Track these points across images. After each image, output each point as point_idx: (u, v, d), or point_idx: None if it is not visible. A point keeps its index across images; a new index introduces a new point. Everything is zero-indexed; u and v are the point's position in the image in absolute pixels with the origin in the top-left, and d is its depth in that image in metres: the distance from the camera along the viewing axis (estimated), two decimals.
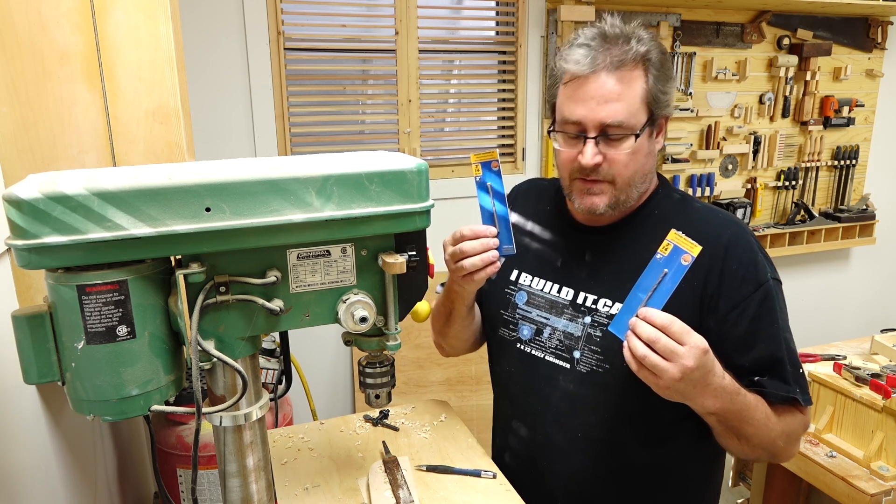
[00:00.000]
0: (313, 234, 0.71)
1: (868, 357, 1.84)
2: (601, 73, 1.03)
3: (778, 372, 1.05)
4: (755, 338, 1.06)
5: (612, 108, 1.03)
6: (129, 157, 1.06)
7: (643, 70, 1.04)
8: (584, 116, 1.04)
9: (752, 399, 1.01)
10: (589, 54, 1.04)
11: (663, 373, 0.89)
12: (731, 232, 1.09)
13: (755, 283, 1.06)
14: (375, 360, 0.88)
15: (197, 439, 0.71)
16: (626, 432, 1.13)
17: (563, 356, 1.16)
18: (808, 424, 1.10)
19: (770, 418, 1.03)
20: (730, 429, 1.03)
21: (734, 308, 1.06)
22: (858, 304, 3.68)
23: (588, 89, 1.04)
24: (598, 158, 1.05)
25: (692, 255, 0.91)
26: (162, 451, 1.71)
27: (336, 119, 2.55)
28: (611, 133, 1.04)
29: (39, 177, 0.67)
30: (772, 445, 1.05)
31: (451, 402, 1.48)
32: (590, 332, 1.13)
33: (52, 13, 0.98)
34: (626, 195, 1.10)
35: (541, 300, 1.20)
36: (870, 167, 3.46)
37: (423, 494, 1.13)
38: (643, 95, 1.04)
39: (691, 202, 1.18)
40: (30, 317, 0.67)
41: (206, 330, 0.71)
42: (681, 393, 0.93)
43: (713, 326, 1.06)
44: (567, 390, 1.15)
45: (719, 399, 0.96)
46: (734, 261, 1.07)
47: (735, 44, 3.00)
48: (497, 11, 2.73)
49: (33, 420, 0.96)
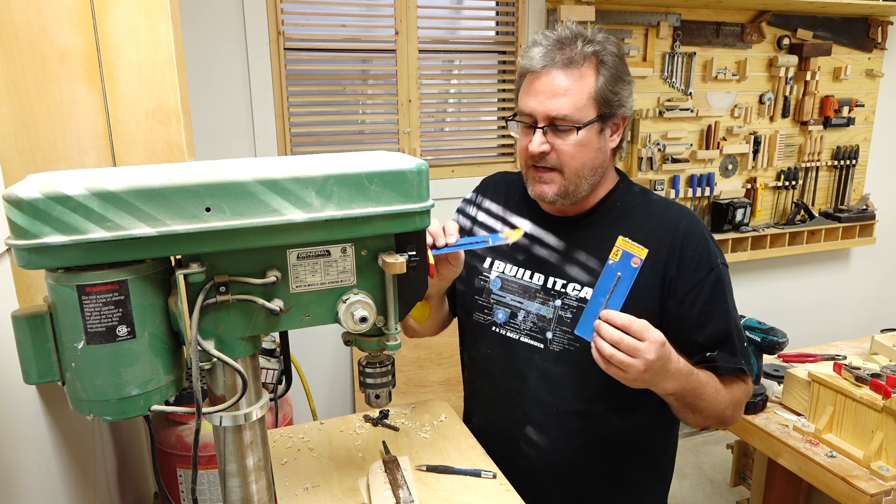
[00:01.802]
0: (313, 234, 0.71)
1: (868, 357, 1.84)
2: (552, 69, 1.13)
3: (728, 346, 1.17)
4: (709, 316, 1.17)
5: (559, 102, 1.12)
6: (129, 157, 1.06)
7: (594, 69, 1.14)
8: (534, 109, 1.15)
9: (704, 376, 1.13)
10: (543, 52, 1.14)
11: (630, 368, 1.00)
12: (687, 222, 1.21)
13: (708, 268, 1.17)
14: (375, 360, 0.88)
15: (197, 439, 0.71)
16: (598, 404, 1.22)
17: (536, 337, 1.25)
18: (751, 392, 1.24)
19: (719, 391, 1.15)
20: (686, 405, 1.13)
21: (691, 290, 1.17)
22: (858, 304, 3.68)
23: (539, 84, 1.14)
24: (544, 147, 1.15)
25: (640, 258, 1.01)
26: (162, 451, 1.71)
27: (336, 119, 2.55)
28: (558, 125, 1.14)
29: (39, 177, 0.67)
30: (721, 415, 1.17)
31: (451, 402, 1.49)
32: (560, 314, 1.22)
33: (52, 13, 0.98)
34: (575, 185, 1.18)
35: (514, 285, 1.28)
36: (870, 167, 3.46)
37: (423, 494, 1.13)
38: (591, 93, 1.13)
39: (650, 195, 1.29)
40: (30, 317, 0.67)
41: (206, 330, 0.71)
42: (645, 382, 1.03)
43: (672, 307, 1.17)
44: (543, 368, 1.24)
45: (677, 381, 1.07)
46: (690, 248, 1.18)
47: (735, 44, 3.00)
48: (497, 11, 2.73)
49: (33, 420, 0.96)
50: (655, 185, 2.99)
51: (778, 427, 1.64)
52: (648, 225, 1.20)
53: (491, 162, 2.78)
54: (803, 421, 1.64)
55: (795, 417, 1.67)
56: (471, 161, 2.76)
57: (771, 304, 3.42)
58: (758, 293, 3.40)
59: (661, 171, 3.00)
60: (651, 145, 2.94)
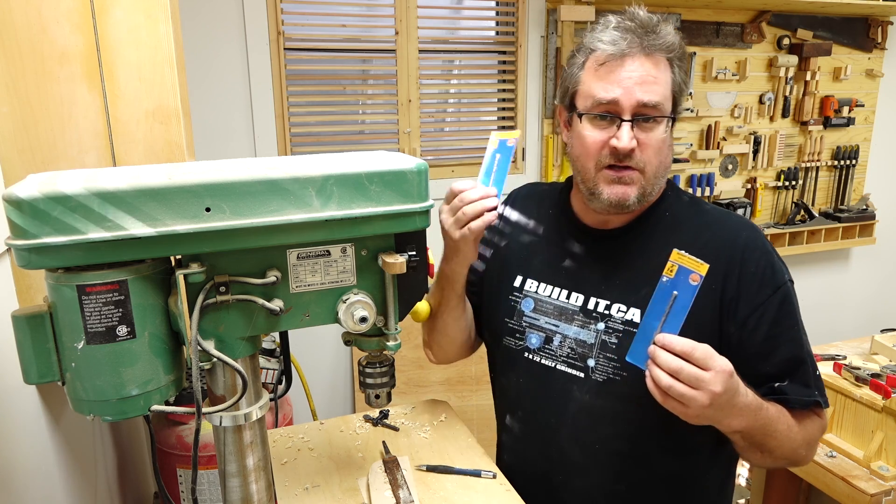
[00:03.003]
0: (313, 234, 0.71)
1: (868, 357, 1.84)
2: (638, 55, 1.01)
3: (800, 375, 1.04)
4: (777, 341, 1.04)
5: (651, 89, 1.00)
6: (129, 157, 1.06)
7: (669, 61, 1.03)
8: (619, 96, 1.00)
9: (775, 411, 0.99)
10: (625, 37, 1.01)
11: (691, 401, 0.86)
12: (747, 234, 1.07)
13: (773, 286, 1.04)
14: (375, 360, 0.88)
15: (197, 439, 0.71)
16: (646, 443, 1.09)
17: (576, 365, 1.11)
18: (825, 427, 1.09)
19: (792, 428, 1.01)
20: (754, 444, 1.01)
21: (754, 312, 1.03)
22: (858, 304, 3.68)
23: (624, 70, 1.00)
24: (634, 143, 1.01)
25: (701, 275, 0.88)
26: (162, 451, 1.71)
27: (336, 119, 2.55)
28: (647, 114, 1.01)
29: (39, 177, 0.67)
30: (793, 454, 1.04)
31: (451, 402, 1.48)
32: (604, 339, 1.08)
33: (52, 13, 0.98)
34: (651, 188, 1.06)
35: (549, 307, 1.15)
36: (870, 167, 3.46)
37: (423, 494, 1.12)
38: (671, 84, 1.03)
39: (701, 204, 1.16)
40: (30, 317, 0.67)
41: (206, 330, 0.71)
42: (708, 418, 0.91)
43: (734, 331, 1.04)
44: (583, 401, 1.10)
45: (745, 417, 0.94)
46: (752, 264, 1.04)
47: (735, 44, 3.00)
48: (497, 11, 2.73)
49: (33, 420, 0.96)
50: None
51: None
52: (703, 238, 1.07)
53: None
54: None
55: None
56: (471, 161, 2.76)
57: None
58: None
59: None
60: None
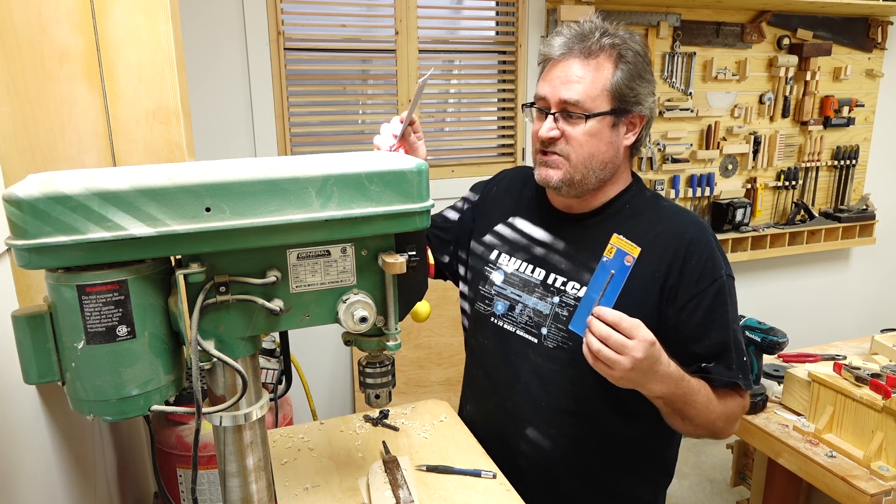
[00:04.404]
0: (313, 234, 0.71)
1: (868, 357, 1.84)
2: (571, 58, 1.14)
3: (724, 358, 1.16)
4: (708, 327, 1.15)
5: (571, 89, 1.13)
6: (129, 157, 1.06)
7: (612, 62, 1.14)
8: (548, 93, 1.16)
9: (696, 384, 1.11)
10: (563, 42, 1.16)
11: (616, 364, 0.99)
12: (694, 230, 1.19)
13: (711, 278, 1.16)
14: (375, 360, 0.88)
15: (197, 439, 0.71)
16: (588, 404, 1.22)
17: (532, 332, 1.25)
18: (746, 407, 1.22)
19: (711, 401, 1.13)
20: (675, 411, 1.12)
21: (692, 299, 1.15)
22: (858, 304, 3.68)
23: (555, 71, 1.16)
24: (553, 132, 1.15)
25: (633, 256, 1.01)
26: (162, 451, 1.71)
27: (336, 119, 2.55)
28: (569, 111, 1.14)
29: (39, 177, 0.67)
30: (712, 425, 1.15)
31: (451, 402, 1.49)
32: (557, 311, 1.22)
33: (52, 13, 0.98)
34: (581, 175, 1.17)
35: (515, 279, 1.29)
36: (870, 167, 3.46)
37: (423, 494, 1.13)
38: (607, 85, 1.13)
39: (660, 200, 1.28)
40: (30, 317, 0.67)
41: (206, 330, 0.71)
42: (632, 381, 1.03)
43: (672, 314, 1.16)
44: (536, 363, 1.24)
45: (665, 384, 1.05)
46: (695, 257, 1.16)
47: (735, 44, 3.00)
48: (497, 11, 2.73)
49: (33, 420, 0.96)
50: (655, 185, 3.00)
51: (778, 427, 1.64)
52: (655, 230, 1.19)
53: (491, 162, 2.78)
54: (803, 421, 1.65)
55: (795, 417, 1.67)
56: (471, 161, 2.76)
57: (771, 304, 3.42)
58: (758, 293, 3.40)
59: (661, 171, 3.01)
60: (651, 145, 2.94)
